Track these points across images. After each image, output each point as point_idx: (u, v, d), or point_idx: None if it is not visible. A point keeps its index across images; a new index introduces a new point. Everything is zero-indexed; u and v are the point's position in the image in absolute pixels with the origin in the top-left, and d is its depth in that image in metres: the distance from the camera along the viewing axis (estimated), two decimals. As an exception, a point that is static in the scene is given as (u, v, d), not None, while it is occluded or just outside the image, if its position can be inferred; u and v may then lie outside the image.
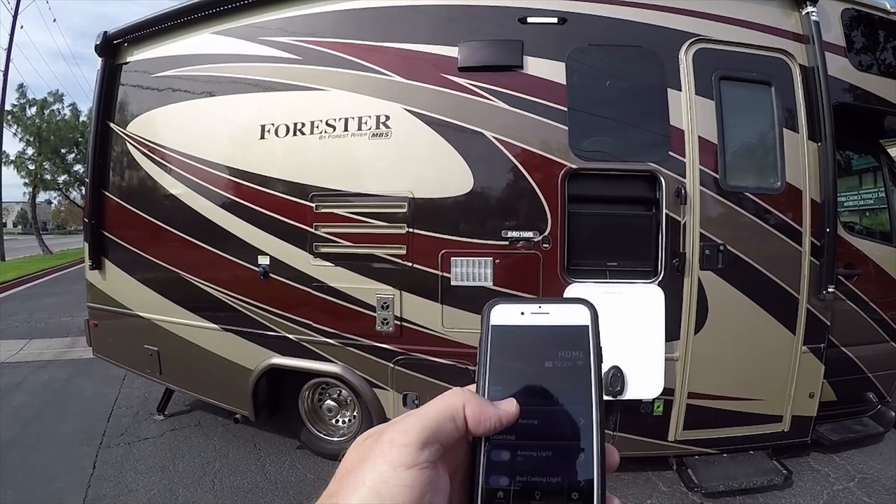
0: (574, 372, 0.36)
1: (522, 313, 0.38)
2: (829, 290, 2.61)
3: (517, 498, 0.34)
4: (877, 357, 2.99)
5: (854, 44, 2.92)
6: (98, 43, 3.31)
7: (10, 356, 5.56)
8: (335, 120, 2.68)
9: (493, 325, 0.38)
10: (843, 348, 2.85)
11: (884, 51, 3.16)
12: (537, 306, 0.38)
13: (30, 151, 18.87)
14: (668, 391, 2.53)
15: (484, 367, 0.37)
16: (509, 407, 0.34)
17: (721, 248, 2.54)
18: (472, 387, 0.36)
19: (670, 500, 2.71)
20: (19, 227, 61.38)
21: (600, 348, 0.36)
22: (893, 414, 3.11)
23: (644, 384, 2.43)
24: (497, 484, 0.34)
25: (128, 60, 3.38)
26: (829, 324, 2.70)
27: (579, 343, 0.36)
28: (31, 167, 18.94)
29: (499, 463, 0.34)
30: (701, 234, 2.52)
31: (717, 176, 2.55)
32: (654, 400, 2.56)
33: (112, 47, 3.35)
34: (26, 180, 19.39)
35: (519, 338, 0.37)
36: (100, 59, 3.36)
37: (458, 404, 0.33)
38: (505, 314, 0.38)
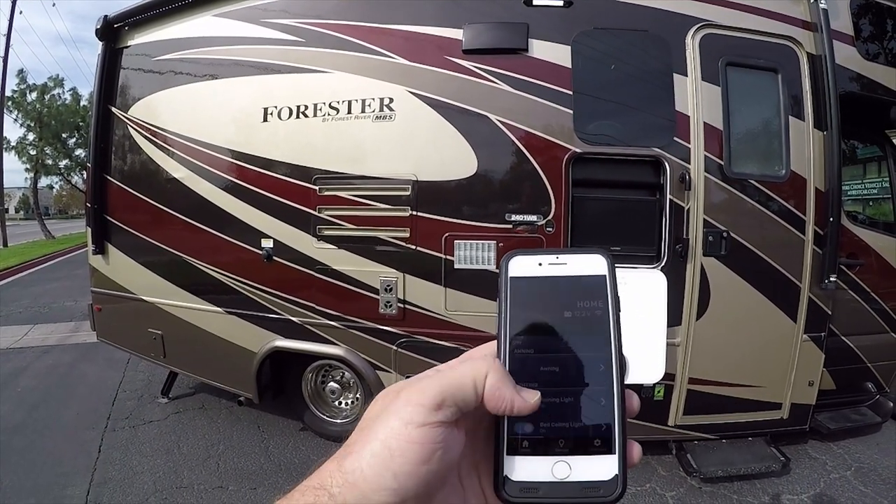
0: (593, 321, 0.36)
1: (540, 264, 0.38)
2: (832, 279, 2.61)
3: (541, 445, 0.34)
4: (877, 347, 2.99)
5: (862, 32, 2.89)
6: (98, 27, 3.27)
7: (15, 342, 5.60)
8: (338, 102, 2.67)
9: (511, 277, 0.38)
10: (843, 338, 2.86)
11: (891, 40, 3.13)
12: (555, 257, 0.38)
13: (31, 137, 18.83)
14: (668, 376, 2.55)
15: (504, 318, 0.37)
16: (528, 397, 0.34)
17: (724, 234, 2.53)
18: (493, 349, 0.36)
19: (669, 484, 2.74)
20: (21, 212, 61.37)
21: (618, 297, 0.36)
22: (891, 404, 3.12)
23: (645, 369, 2.41)
24: (521, 432, 0.35)
25: (129, 44, 3.35)
26: (830, 313, 2.71)
27: (597, 292, 0.36)
28: (33, 152, 18.91)
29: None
30: (704, 220, 2.52)
31: (722, 162, 2.54)
32: (654, 385, 2.57)
33: (113, 31, 3.32)
34: (27, 166, 19.39)
35: (537, 288, 0.37)
36: (100, 44, 3.34)
37: (481, 374, 0.33)
38: (522, 266, 0.38)
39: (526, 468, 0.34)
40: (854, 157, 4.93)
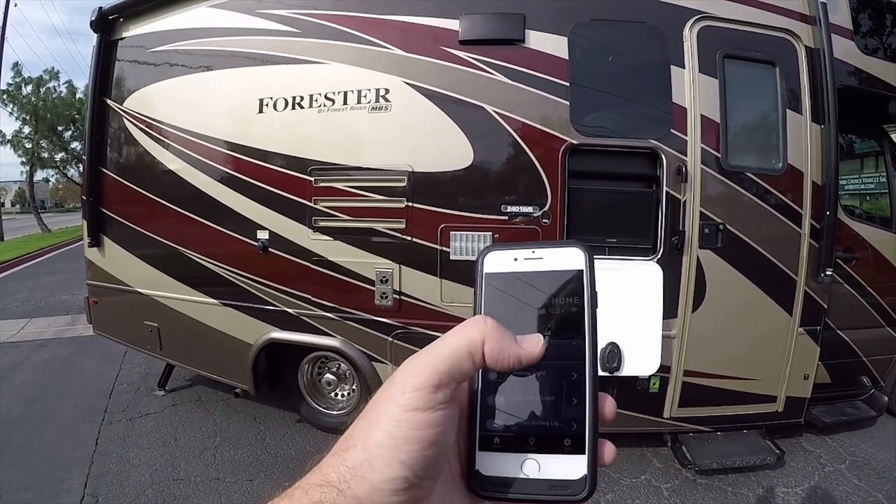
0: (568, 318, 0.35)
1: (516, 259, 0.37)
2: (828, 273, 2.61)
3: (512, 442, 0.34)
4: (872, 341, 3.00)
5: (861, 27, 2.89)
6: (93, 19, 3.25)
7: (11, 336, 5.59)
8: (334, 93, 2.66)
9: (486, 273, 0.37)
10: (839, 331, 2.87)
11: (890, 35, 3.13)
12: (531, 251, 0.37)
13: (26, 130, 18.78)
14: (664, 368, 2.54)
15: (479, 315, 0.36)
16: (532, 347, 0.33)
17: (720, 227, 2.53)
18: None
19: (664, 476, 2.75)
20: (17, 206, 61.24)
21: (595, 293, 0.35)
22: (886, 398, 3.13)
23: (641, 361, 2.44)
24: (493, 428, 0.34)
25: (124, 36, 3.33)
26: (825, 306, 2.71)
27: (573, 288, 0.35)
28: (29, 146, 18.87)
29: (494, 409, 0.34)
30: (701, 212, 2.52)
31: (719, 155, 2.53)
32: (650, 377, 2.58)
33: (107, 23, 3.30)
34: (23, 159, 19.35)
35: (512, 284, 0.37)
36: (95, 35, 3.32)
37: (476, 339, 0.32)
38: (498, 261, 0.37)
39: (497, 464, 0.34)
40: (851, 151, 4.93)
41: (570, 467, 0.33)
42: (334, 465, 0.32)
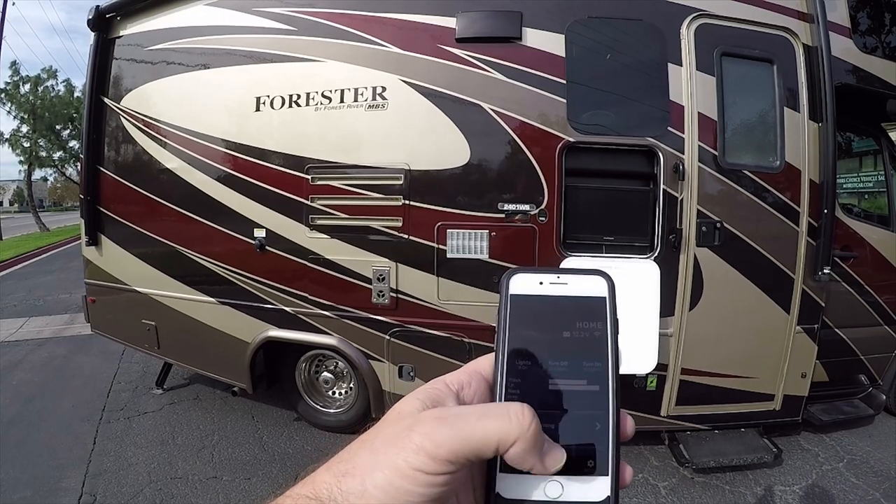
0: (591, 342, 0.36)
1: (541, 283, 0.38)
2: (825, 271, 2.60)
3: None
4: (870, 340, 3.00)
5: (859, 25, 2.88)
6: (90, 17, 3.25)
7: (10, 335, 5.59)
8: (331, 91, 2.66)
9: (511, 295, 0.38)
10: (836, 330, 2.86)
11: (889, 34, 3.12)
12: (556, 276, 0.38)
13: (24, 129, 18.76)
14: (661, 366, 2.54)
15: (503, 335, 0.37)
16: (552, 464, 0.32)
17: (718, 225, 2.53)
18: (526, 411, 0.32)
19: (662, 475, 2.75)
20: (16, 205, 61.22)
21: (617, 320, 0.36)
22: (884, 397, 3.13)
23: (638, 359, 2.44)
24: None
25: (121, 34, 3.32)
26: (823, 305, 2.71)
27: (597, 314, 0.36)
28: (27, 145, 18.85)
29: None
30: (698, 210, 2.51)
31: (716, 153, 2.53)
32: (647, 375, 2.57)
33: (104, 21, 3.29)
34: (21, 158, 19.32)
35: (537, 307, 0.37)
36: (92, 34, 3.31)
37: (511, 438, 0.31)
38: (523, 284, 0.38)
39: (518, 486, 0.34)
40: (850, 149, 4.92)
41: (593, 489, 0.33)
42: (328, 482, 0.31)
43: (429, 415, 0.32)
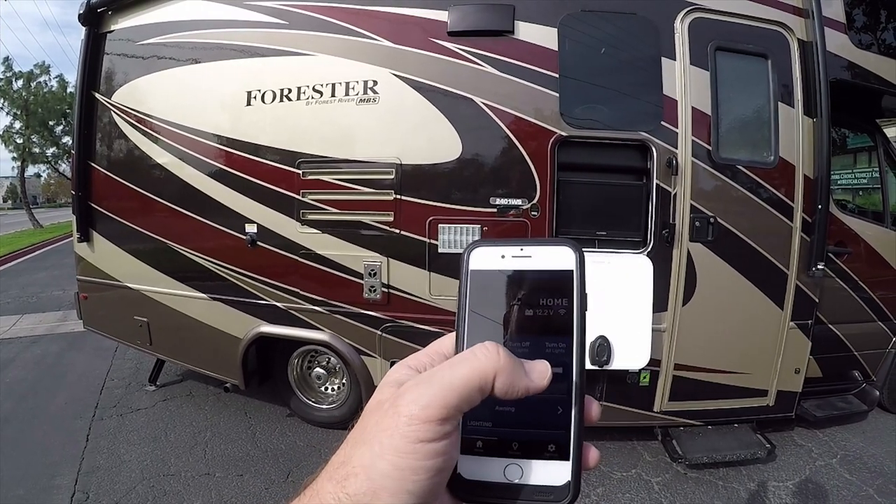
0: (556, 321, 0.34)
1: (503, 256, 0.36)
2: (819, 267, 2.60)
3: (495, 447, 0.34)
4: (864, 336, 3.00)
5: (854, 21, 2.87)
6: (81, 11, 3.22)
7: (3, 332, 5.57)
8: (322, 85, 2.64)
9: (472, 270, 0.36)
10: (830, 326, 2.86)
11: (884, 30, 3.11)
12: (519, 248, 0.36)
13: (17, 125, 18.70)
14: (654, 362, 2.53)
15: (463, 314, 0.35)
16: (541, 380, 0.32)
17: (711, 220, 2.52)
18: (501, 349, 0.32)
19: (655, 470, 2.75)
20: (9, 202, 61.00)
21: (585, 295, 0.34)
22: (878, 393, 3.14)
23: (631, 354, 2.43)
24: (475, 434, 0.34)
25: (112, 29, 3.29)
26: (817, 301, 2.70)
27: (562, 290, 0.34)
28: (20, 141, 18.79)
29: (477, 413, 0.33)
30: (691, 205, 2.50)
31: (710, 148, 2.51)
32: (640, 370, 2.57)
33: (96, 15, 3.25)
34: (14, 154, 19.27)
35: (498, 283, 0.35)
36: (83, 28, 3.28)
37: (489, 374, 0.31)
38: (485, 258, 0.36)
39: (479, 468, 0.33)
40: (844, 145, 4.92)
41: (554, 473, 0.33)
42: (332, 491, 0.30)
43: (405, 387, 0.32)
